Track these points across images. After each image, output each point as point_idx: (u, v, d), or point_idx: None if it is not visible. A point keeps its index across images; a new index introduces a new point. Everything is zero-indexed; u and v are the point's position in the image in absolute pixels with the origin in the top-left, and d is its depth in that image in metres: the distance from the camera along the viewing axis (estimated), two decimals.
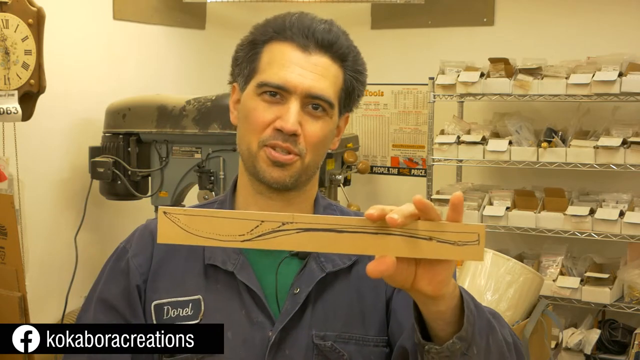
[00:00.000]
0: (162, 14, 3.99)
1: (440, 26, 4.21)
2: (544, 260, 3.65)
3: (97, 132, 3.46)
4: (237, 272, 1.29)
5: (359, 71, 1.32)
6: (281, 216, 0.98)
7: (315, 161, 1.30)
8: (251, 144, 1.28)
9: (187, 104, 3.23)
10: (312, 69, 1.26)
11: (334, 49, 1.28)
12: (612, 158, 3.44)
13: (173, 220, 0.98)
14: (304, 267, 1.30)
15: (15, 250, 2.64)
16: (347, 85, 1.31)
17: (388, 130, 4.40)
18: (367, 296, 1.30)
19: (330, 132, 1.31)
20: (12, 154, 3.04)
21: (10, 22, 2.84)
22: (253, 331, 1.27)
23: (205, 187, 3.21)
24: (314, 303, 1.28)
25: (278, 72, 1.26)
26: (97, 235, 3.64)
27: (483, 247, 0.97)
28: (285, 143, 1.25)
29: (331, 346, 1.27)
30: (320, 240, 0.97)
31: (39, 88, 2.94)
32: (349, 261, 1.30)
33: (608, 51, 3.54)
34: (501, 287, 2.89)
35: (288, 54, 1.27)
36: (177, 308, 1.28)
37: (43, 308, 3.29)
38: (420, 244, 0.96)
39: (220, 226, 0.97)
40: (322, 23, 1.30)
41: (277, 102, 1.26)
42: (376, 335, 1.29)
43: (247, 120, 1.29)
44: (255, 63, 1.30)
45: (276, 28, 1.29)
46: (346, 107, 1.34)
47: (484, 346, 1.08)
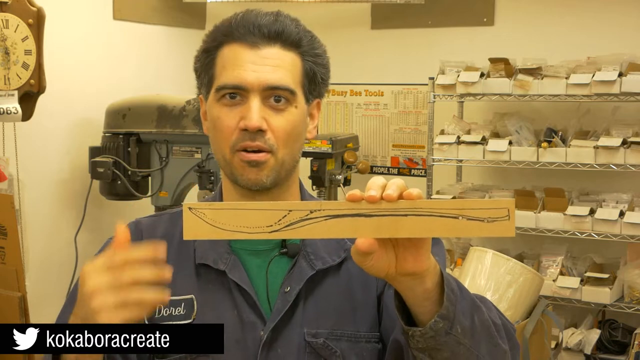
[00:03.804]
0: (162, 14, 3.99)
1: (440, 26, 4.20)
2: (544, 260, 3.65)
3: (97, 132, 3.46)
4: (228, 272, 1.29)
5: (317, 54, 1.32)
6: (309, 204, 0.97)
7: (290, 154, 1.29)
8: (224, 152, 1.28)
9: (187, 104, 3.23)
10: (264, 62, 1.27)
11: (282, 37, 1.28)
12: (612, 158, 3.44)
13: (199, 216, 0.97)
14: (293, 265, 1.30)
15: (15, 250, 2.64)
16: (307, 71, 1.30)
17: (388, 130, 4.40)
18: (358, 293, 1.30)
19: (299, 122, 1.30)
20: (12, 154, 3.05)
21: (10, 22, 2.84)
22: (245, 331, 1.27)
23: (205, 187, 3.21)
24: (304, 301, 1.28)
25: (232, 73, 1.27)
26: (97, 235, 3.64)
27: (514, 222, 0.96)
28: (255, 142, 1.25)
29: (323, 343, 1.26)
30: (348, 226, 0.97)
31: (39, 88, 2.94)
32: (339, 258, 1.31)
33: (608, 51, 3.54)
34: (501, 287, 2.89)
35: (239, 54, 1.27)
36: (170, 307, 1.28)
37: (43, 308, 3.28)
38: (450, 223, 0.96)
39: (247, 218, 0.97)
40: (267, 15, 1.30)
41: (238, 103, 1.27)
42: (368, 331, 1.29)
43: (215, 129, 1.29)
44: (212, 70, 1.31)
45: (224, 31, 1.31)
46: (312, 93, 1.33)
47: (468, 325, 1.07)
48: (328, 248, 1.31)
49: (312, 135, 1.36)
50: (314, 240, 1.31)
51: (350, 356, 1.27)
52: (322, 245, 1.31)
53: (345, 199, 0.98)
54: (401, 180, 0.99)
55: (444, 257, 1.32)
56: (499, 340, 1.13)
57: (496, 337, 1.13)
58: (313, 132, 1.37)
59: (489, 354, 1.11)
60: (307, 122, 1.34)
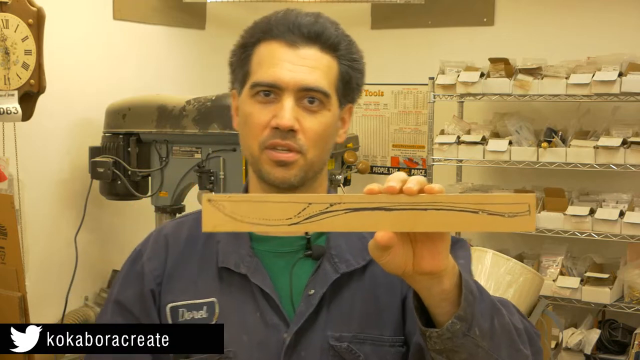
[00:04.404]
0: (162, 14, 3.99)
1: (440, 26, 4.21)
2: (544, 260, 3.65)
3: (97, 132, 3.46)
4: (250, 275, 1.28)
5: (354, 59, 1.31)
6: (329, 197, 0.97)
7: (319, 156, 1.28)
8: (253, 149, 1.27)
9: (187, 104, 3.23)
10: (301, 62, 1.26)
11: (322, 39, 1.27)
12: (612, 158, 3.44)
13: (218, 208, 0.96)
14: (317, 268, 1.29)
15: (15, 250, 2.64)
16: (343, 75, 1.29)
17: (388, 130, 4.40)
18: (382, 296, 1.29)
19: (331, 125, 1.29)
20: (12, 154, 3.05)
21: (10, 22, 2.84)
22: (268, 333, 1.26)
23: (205, 187, 3.20)
24: (328, 304, 1.27)
25: (268, 71, 1.25)
26: (97, 235, 3.64)
27: (534, 217, 0.95)
28: (285, 140, 1.24)
29: (347, 347, 1.25)
30: (368, 220, 0.96)
31: (39, 88, 2.94)
32: (364, 261, 1.29)
33: (608, 51, 3.54)
34: (501, 287, 2.89)
35: (277, 52, 1.26)
36: (192, 310, 1.28)
37: (43, 308, 3.29)
38: (470, 218, 0.95)
39: (267, 210, 0.96)
40: (308, 16, 1.28)
41: (272, 101, 1.26)
42: (392, 335, 1.27)
43: (246, 124, 1.28)
44: (247, 66, 1.30)
45: (263, 28, 1.29)
46: (346, 97, 1.32)
47: (487, 327, 1.06)
48: (353, 250, 1.30)
49: (341, 139, 1.35)
50: (338, 242, 1.30)
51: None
52: (347, 248, 1.30)
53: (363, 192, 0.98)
54: (422, 177, 0.99)
55: (469, 261, 1.31)
56: (520, 345, 1.12)
57: (517, 342, 1.11)
58: (343, 136, 1.35)
59: (509, 358, 1.10)
60: (338, 126, 1.33)
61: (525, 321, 1.17)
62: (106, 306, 1.35)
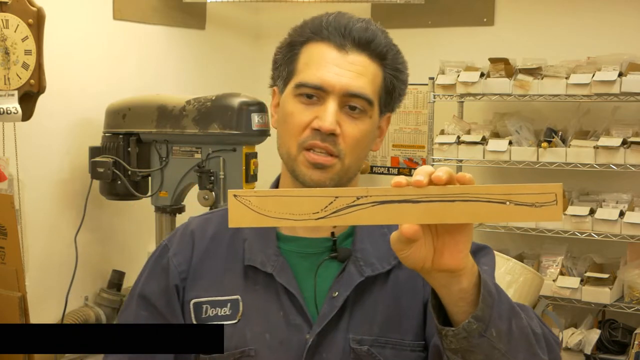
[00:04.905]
0: (162, 14, 3.98)
1: (440, 26, 4.21)
2: (544, 260, 3.65)
3: (97, 132, 3.46)
4: (276, 274, 1.28)
5: (399, 69, 1.32)
6: (355, 190, 0.96)
7: (355, 163, 1.29)
8: (290, 148, 1.27)
9: (187, 104, 3.23)
10: (349, 67, 1.25)
11: (371, 47, 1.27)
12: (612, 158, 3.44)
13: (244, 203, 0.96)
14: (342, 270, 1.29)
15: (15, 250, 2.64)
16: (386, 84, 1.30)
17: (388, 130, 4.38)
18: (405, 300, 1.29)
19: (370, 133, 1.29)
20: (12, 154, 3.04)
21: (10, 22, 2.84)
22: (290, 333, 1.26)
23: (205, 187, 3.20)
24: (351, 307, 1.27)
25: (315, 72, 1.25)
26: (97, 235, 3.64)
27: (561, 207, 0.95)
28: (324, 143, 1.24)
29: (367, 350, 1.25)
30: (395, 213, 0.96)
31: (39, 88, 2.94)
32: (389, 265, 1.29)
33: (608, 51, 3.54)
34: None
35: (325, 54, 1.26)
36: (216, 307, 1.29)
37: (43, 308, 3.28)
38: (497, 208, 0.95)
39: (293, 205, 0.96)
40: (360, 22, 1.28)
41: (314, 103, 1.26)
42: (413, 340, 1.27)
43: (286, 123, 1.28)
44: (293, 65, 1.29)
45: (313, 29, 1.29)
46: (387, 106, 1.33)
47: (505, 330, 1.06)
48: (378, 254, 1.30)
49: (376, 148, 1.36)
50: (364, 245, 1.30)
51: None
52: (373, 251, 1.30)
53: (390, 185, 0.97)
54: (449, 168, 0.99)
55: (494, 267, 1.31)
56: (537, 350, 1.11)
57: (535, 346, 1.10)
58: (379, 145, 1.36)
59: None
60: (375, 134, 1.33)
61: (545, 327, 1.16)
62: (130, 300, 1.36)
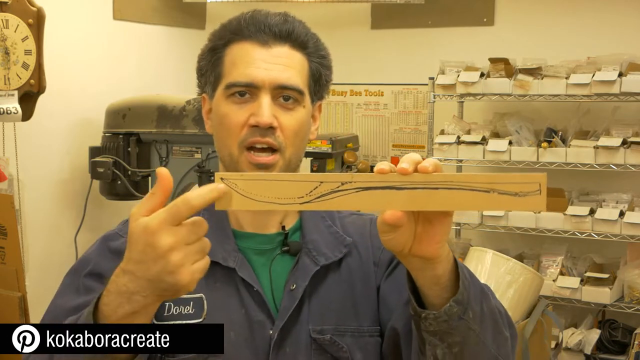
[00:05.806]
0: (162, 14, 3.99)
1: (440, 26, 4.21)
2: (544, 260, 3.65)
3: (97, 132, 3.46)
4: (238, 269, 1.28)
5: (322, 56, 1.34)
6: (340, 176, 0.97)
7: (296, 154, 1.30)
8: (231, 149, 1.28)
9: (187, 104, 3.23)
10: (275, 61, 1.27)
11: (292, 37, 1.29)
12: (612, 158, 3.44)
13: (231, 187, 0.97)
14: (296, 263, 1.30)
15: (15, 250, 2.64)
16: (313, 72, 1.32)
17: (388, 130, 4.40)
18: (359, 288, 1.31)
19: (306, 122, 1.31)
20: (12, 154, 3.05)
21: (10, 22, 2.84)
22: (253, 330, 1.27)
23: None
24: (309, 298, 1.29)
25: (244, 71, 1.27)
26: (97, 235, 3.61)
27: (545, 197, 0.95)
28: (265, 138, 1.25)
29: (330, 339, 1.27)
30: (378, 199, 0.97)
31: (39, 88, 2.94)
32: (340, 254, 1.31)
33: (608, 51, 3.54)
34: (501, 287, 2.89)
35: (249, 52, 1.28)
36: (179, 305, 1.27)
37: (43, 308, 3.27)
38: (481, 197, 0.96)
39: (279, 189, 0.97)
40: (277, 15, 1.31)
41: (247, 100, 1.27)
42: (370, 325, 1.29)
43: (222, 125, 1.29)
44: (219, 68, 1.30)
45: (233, 30, 1.30)
46: (316, 94, 1.34)
47: (478, 311, 1.09)
48: (328, 244, 1.32)
49: (313, 136, 1.37)
50: (314, 237, 1.32)
51: (355, 351, 1.28)
52: (323, 241, 1.32)
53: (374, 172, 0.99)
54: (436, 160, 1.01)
55: None
56: (502, 328, 1.15)
57: (500, 325, 1.15)
58: (315, 133, 1.38)
59: (493, 341, 1.13)
60: (311, 123, 1.35)
61: (502, 306, 1.20)
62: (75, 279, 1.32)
